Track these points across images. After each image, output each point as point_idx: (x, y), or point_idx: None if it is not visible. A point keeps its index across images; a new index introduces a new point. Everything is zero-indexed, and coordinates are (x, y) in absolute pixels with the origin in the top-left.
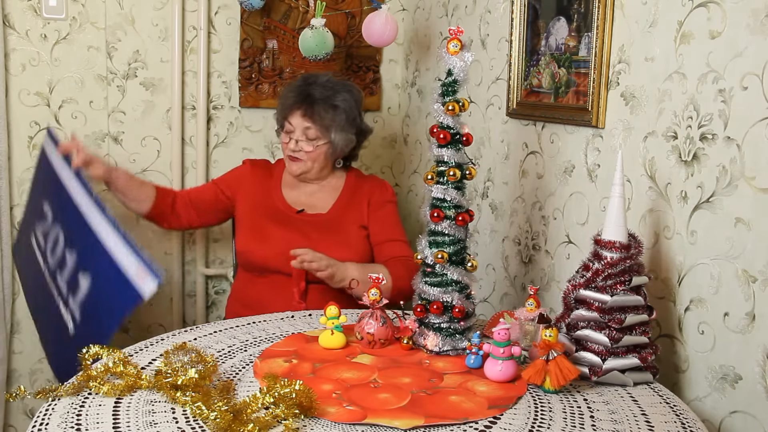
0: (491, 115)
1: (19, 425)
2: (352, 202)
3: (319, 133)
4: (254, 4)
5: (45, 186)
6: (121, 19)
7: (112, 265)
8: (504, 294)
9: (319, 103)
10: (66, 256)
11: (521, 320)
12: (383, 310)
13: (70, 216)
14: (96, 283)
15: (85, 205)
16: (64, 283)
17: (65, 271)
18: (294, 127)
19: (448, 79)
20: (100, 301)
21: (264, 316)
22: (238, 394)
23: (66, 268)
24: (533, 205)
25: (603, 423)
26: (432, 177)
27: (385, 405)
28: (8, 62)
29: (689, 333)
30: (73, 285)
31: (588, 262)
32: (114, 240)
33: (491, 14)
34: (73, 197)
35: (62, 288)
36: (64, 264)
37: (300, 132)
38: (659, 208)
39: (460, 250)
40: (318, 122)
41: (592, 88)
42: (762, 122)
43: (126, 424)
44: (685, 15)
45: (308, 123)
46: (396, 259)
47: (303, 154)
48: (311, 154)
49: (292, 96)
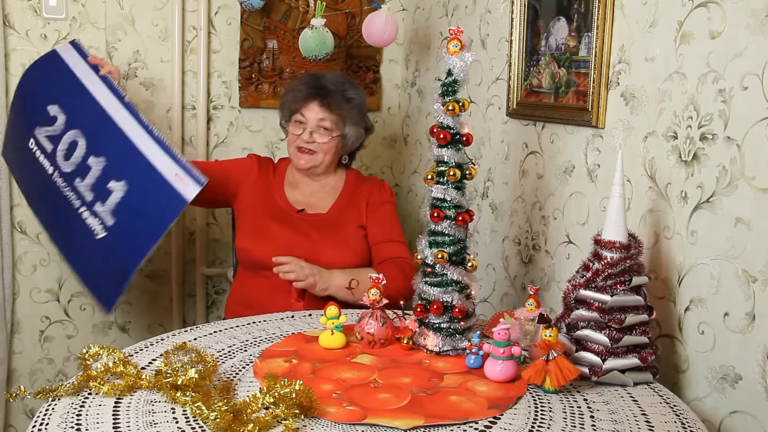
0: (491, 115)
1: (19, 425)
2: (351, 203)
3: (333, 124)
4: (254, 4)
5: (54, 90)
6: (121, 19)
7: (151, 171)
8: (504, 294)
9: (334, 95)
10: (89, 161)
11: (521, 320)
12: (383, 310)
13: (95, 121)
14: (132, 189)
15: (116, 111)
16: (88, 189)
17: (88, 177)
18: (307, 119)
19: (448, 79)
20: (140, 208)
21: (264, 316)
22: (238, 394)
23: (90, 174)
24: (533, 205)
25: (603, 423)
26: (432, 177)
27: (385, 405)
28: (8, 62)
29: (689, 333)
30: (100, 191)
31: (588, 262)
32: (151, 146)
33: (491, 14)
34: (101, 103)
35: (83, 193)
36: (86, 169)
37: (314, 123)
38: (659, 208)
39: (460, 250)
40: (335, 113)
41: (592, 88)
42: (762, 122)
43: (126, 424)
44: (685, 15)
45: (325, 114)
46: (391, 261)
47: (316, 146)
48: (324, 146)
49: (305, 88)
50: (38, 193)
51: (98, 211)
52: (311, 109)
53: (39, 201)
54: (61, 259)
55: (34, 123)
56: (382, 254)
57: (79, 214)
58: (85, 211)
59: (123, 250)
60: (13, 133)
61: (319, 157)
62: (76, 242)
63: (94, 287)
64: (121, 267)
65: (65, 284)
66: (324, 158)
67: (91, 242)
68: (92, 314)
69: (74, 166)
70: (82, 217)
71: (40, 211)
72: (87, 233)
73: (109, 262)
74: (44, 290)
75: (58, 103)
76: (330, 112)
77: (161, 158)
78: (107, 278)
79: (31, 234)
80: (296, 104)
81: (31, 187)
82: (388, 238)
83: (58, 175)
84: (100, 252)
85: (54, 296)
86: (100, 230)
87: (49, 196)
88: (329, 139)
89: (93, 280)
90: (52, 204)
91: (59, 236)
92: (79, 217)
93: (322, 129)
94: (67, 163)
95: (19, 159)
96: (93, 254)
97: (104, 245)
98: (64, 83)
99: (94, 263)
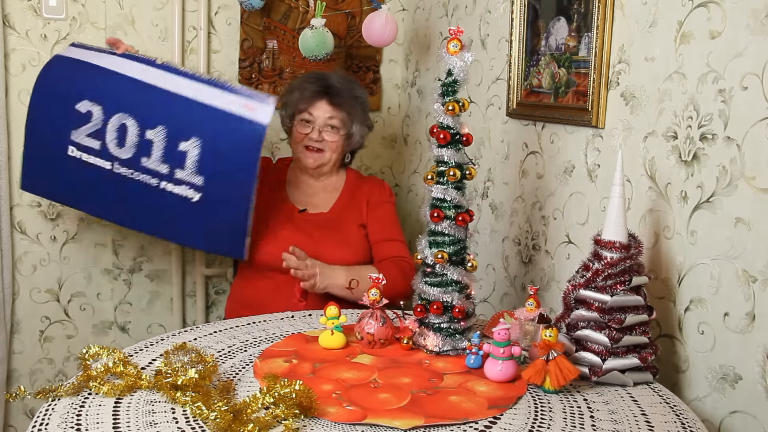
0: (491, 115)
1: (19, 425)
2: (352, 202)
3: (341, 122)
4: (254, 4)
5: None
6: (121, 19)
7: (217, 113)
8: (504, 294)
9: (343, 93)
10: (148, 135)
11: (521, 320)
12: (383, 310)
13: (136, 96)
14: (207, 140)
15: (154, 78)
16: (159, 163)
17: (154, 151)
18: (315, 117)
19: (448, 79)
20: (222, 152)
21: (264, 316)
22: (238, 394)
23: (154, 147)
24: (533, 205)
25: (603, 423)
26: (432, 177)
27: (385, 405)
28: (8, 62)
29: (689, 333)
30: (173, 158)
31: (588, 262)
32: (206, 91)
33: (491, 14)
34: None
35: (156, 169)
36: (148, 145)
37: (322, 122)
38: (659, 208)
39: (460, 250)
40: (343, 111)
41: (592, 88)
42: (762, 122)
43: (126, 424)
44: (685, 15)
45: (334, 112)
46: (391, 260)
47: (326, 144)
48: (333, 145)
49: (313, 87)
50: (99, 195)
51: (181, 177)
52: (320, 107)
53: (103, 203)
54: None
55: (68, 129)
56: (381, 253)
57: (161, 190)
58: (168, 184)
59: (226, 198)
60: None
61: (327, 156)
62: (170, 218)
63: (214, 247)
64: (233, 214)
65: (65, 284)
66: (332, 156)
67: (188, 209)
68: (92, 314)
69: (133, 147)
70: (166, 191)
71: (108, 213)
72: (179, 203)
73: (218, 216)
74: (44, 290)
75: (87, 97)
76: (339, 111)
77: (222, 98)
78: (224, 232)
79: (31, 234)
80: (303, 103)
81: (86, 196)
82: (387, 237)
83: (119, 166)
84: (203, 213)
85: (54, 296)
86: (192, 194)
87: (116, 191)
88: (338, 137)
89: (209, 242)
90: (123, 196)
91: (147, 223)
92: (162, 192)
93: (329, 127)
94: (123, 150)
95: (58, 177)
96: (197, 219)
97: (204, 204)
98: (84, 77)
99: (201, 227)
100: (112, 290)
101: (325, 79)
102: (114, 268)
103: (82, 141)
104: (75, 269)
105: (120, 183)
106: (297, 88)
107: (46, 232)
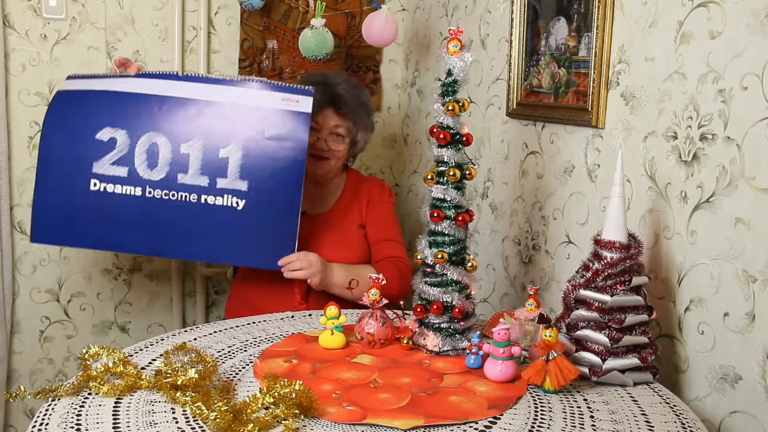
0: (491, 115)
1: (19, 425)
2: (352, 202)
3: (347, 131)
4: (254, 4)
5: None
6: (121, 19)
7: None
8: (504, 294)
9: (350, 101)
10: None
11: (521, 320)
12: (383, 310)
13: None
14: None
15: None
16: (197, 176)
17: (191, 164)
18: (321, 126)
19: (448, 79)
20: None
21: (264, 316)
22: (238, 394)
23: (191, 161)
24: (533, 205)
25: (603, 423)
26: (432, 177)
27: (385, 405)
28: (8, 62)
29: (689, 333)
30: (212, 168)
31: (588, 262)
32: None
33: (491, 14)
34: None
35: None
36: (184, 159)
37: (328, 130)
38: (659, 208)
39: (460, 250)
40: (350, 119)
41: (592, 88)
42: (762, 122)
43: (126, 424)
44: (685, 15)
45: (340, 121)
46: (389, 260)
47: (331, 153)
48: (338, 153)
49: (319, 96)
50: (133, 229)
51: (223, 186)
52: (325, 115)
53: (139, 236)
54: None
55: (88, 162)
56: (379, 253)
57: (203, 204)
58: (209, 196)
59: (273, 199)
60: (55, 201)
61: (332, 163)
62: (216, 235)
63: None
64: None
65: (65, 284)
66: (336, 164)
67: (234, 219)
68: (92, 314)
69: (167, 166)
70: (209, 204)
71: (147, 246)
72: (224, 215)
73: (267, 219)
74: (44, 290)
75: (108, 125)
76: (345, 120)
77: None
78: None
79: None
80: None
81: (117, 233)
82: (385, 237)
83: (152, 189)
84: (250, 220)
85: (54, 296)
86: (236, 201)
87: (151, 218)
88: (343, 146)
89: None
90: (161, 223)
91: (192, 246)
92: (205, 207)
93: (335, 135)
94: (156, 170)
95: (81, 219)
96: (244, 228)
97: (251, 210)
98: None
99: (249, 237)
100: (112, 290)
101: (332, 86)
102: (114, 268)
103: (106, 171)
104: (75, 269)
105: (155, 208)
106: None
107: None
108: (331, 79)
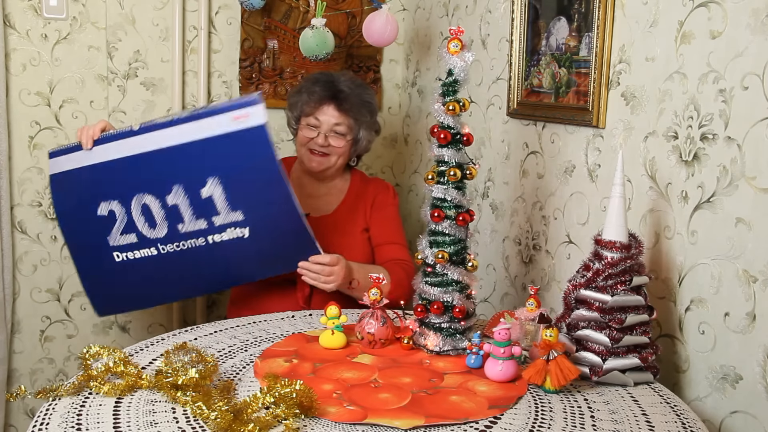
0: (492, 115)
1: (20, 425)
2: (356, 204)
3: (348, 128)
4: (255, 4)
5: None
6: (121, 19)
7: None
8: (504, 294)
9: (351, 98)
10: (170, 202)
11: (522, 320)
12: (384, 310)
13: (139, 173)
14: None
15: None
16: (194, 220)
17: (183, 211)
18: (322, 122)
19: (449, 79)
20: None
21: (264, 316)
22: (239, 394)
23: (181, 207)
24: (534, 205)
25: (603, 423)
26: (432, 177)
27: (386, 405)
28: (9, 62)
29: (690, 333)
30: (203, 209)
31: (588, 262)
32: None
33: (492, 14)
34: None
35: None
36: (175, 210)
37: (329, 127)
38: (660, 208)
39: (460, 250)
40: (351, 117)
41: (593, 88)
42: (762, 122)
43: (126, 424)
44: (685, 15)
45: (341, 118)
46: (395, 262)
47: (331, 149)
48: (339, 150)
49: (320, 90)
50: (168, 283)
51: (222, 222)
52: (326, 112)
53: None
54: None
55: (103, 238)
56: (383, 256)
57: (213, 244)
58: (212, 235)
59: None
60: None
61: (332, 160)
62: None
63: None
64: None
65: (66, 284)
66: (337, 161)
67: (248, 246)
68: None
69: (164, 222)
70: (217, 242)
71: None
72: (237, 247)
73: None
74: (44, 290)
75: (101, 199)
76: (346, 117)
77: (212, 123)
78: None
79: (31, 234)
80: (310, 107)
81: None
82: (389, 240)
83: (162, 245)
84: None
85: (54, 296)
86: (241, 231)
87: (178, 269)
88: (344, 143)
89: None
90: (186, 270)
91: (225, 279)
92: (216, 246)
93: (335, 133)
94: (157, 228)
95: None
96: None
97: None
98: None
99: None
100: None
101: (334, 83)
102: None
103: (119, 242)
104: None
105: (175, 261)
106: (305, 91)
107: (47, 232)
108: (335, 77)
